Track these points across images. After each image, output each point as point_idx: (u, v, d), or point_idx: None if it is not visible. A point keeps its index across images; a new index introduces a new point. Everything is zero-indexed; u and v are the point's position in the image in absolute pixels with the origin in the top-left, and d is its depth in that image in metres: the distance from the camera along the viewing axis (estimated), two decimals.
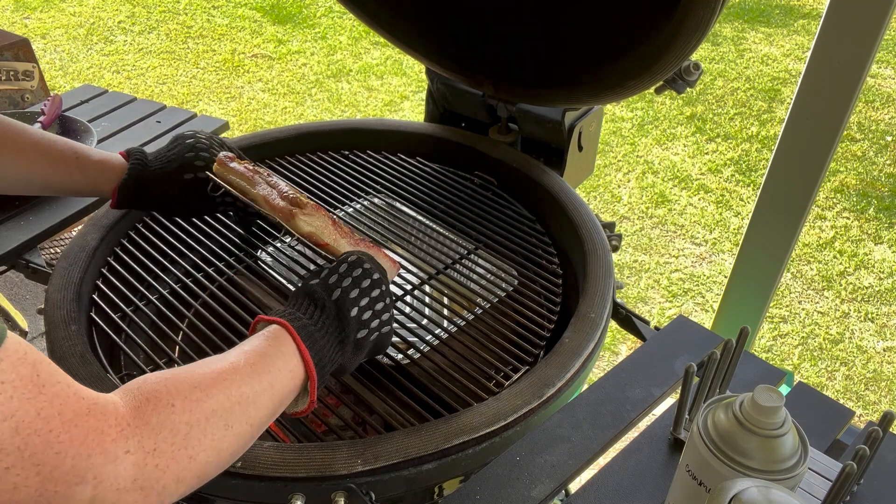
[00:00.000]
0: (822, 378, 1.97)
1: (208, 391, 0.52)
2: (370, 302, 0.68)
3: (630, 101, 3.29)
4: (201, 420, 0.50)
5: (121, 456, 0.44)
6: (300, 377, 0.61)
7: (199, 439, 0.50)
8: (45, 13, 4.04)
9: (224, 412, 0.52)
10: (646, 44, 0.87)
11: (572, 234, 0.97)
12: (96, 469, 0.43)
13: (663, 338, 0.80)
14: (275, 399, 0.58)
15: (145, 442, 0.46)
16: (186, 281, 0.93)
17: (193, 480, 0.50)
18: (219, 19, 4.05)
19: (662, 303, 2.22)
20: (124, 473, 0.44)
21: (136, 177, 0.86)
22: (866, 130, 3.10)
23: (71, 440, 0.41)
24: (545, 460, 0.64)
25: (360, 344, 0.67)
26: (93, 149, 0.86)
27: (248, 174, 0.85)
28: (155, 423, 0.47)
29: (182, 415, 0.49)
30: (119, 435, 0.45)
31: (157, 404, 0.48)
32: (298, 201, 0.81)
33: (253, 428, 0.56)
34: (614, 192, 2.72)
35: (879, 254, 2.41)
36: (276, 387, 0.58)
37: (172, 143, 0.91)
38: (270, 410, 0.58)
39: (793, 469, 0.48)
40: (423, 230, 1.05)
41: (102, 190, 0.86)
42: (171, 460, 0.48)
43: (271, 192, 0.84)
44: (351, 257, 0.71)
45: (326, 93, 3.38)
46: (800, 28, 3.98)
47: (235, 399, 0.54)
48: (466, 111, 1.27)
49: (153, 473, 0.46)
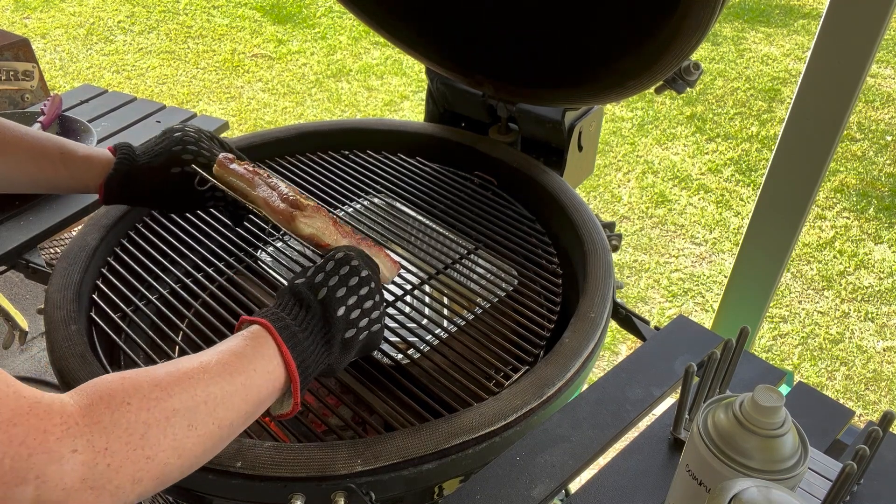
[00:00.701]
0: (822, 378, 1.97)
1: (169, 390, 0.50)
2: (358, 300, 0.66)
3: (630, 101, 3.29)
4: (160, 420, 0.49)
5: (66, 455, 0.43)
6: (281, 379, 0.59)
7: (158, 439, 0.48)
8: (45, 13, 4.04)
9: (187, 412, 0.51)
10: (646, 44, 0.87)
11: (572, 234, 0.97)
12: (38, 469, 0.42)
13: (663, 338, 0.80)
14: (249, 400, 0.56)
15: (95, 441, 0.45)
16: (186, 281, 0.93)
17: (152, 482, 0.49)
18: (219, 19, 4.05)
19: (662, 303, 2.22)
20: (71, 473, 0.43)
21: (123, 171, 0.84)
22: (866, 130, 3.10)
23: (9, 440, 0.41)
24: (545, 460, 0.64)
25: (349, 344, 0.65)
26: (79, 144, 0.84)
27: (248, 176, 0.85)
28: (108, 421, 0.46)
29: (139, 413, 0.48)
30: (65, 434, 0.43)
31: (110, 402, 0.47)
32: (298, 203, 0.80)
33: (223, 429, 0.54)
34: (614, 192, 2.72)
35: (879, 254, 2.41)
36: (251, 388, 0.56)
37: (160, 136, 0.89)
38: (244, 412, 0.56)
39: (793, 469, 0.48)
40: (423, 230, 1.05)
41: (89, 185, 0.84)
42: (126, 460, 0.46)
43: (271, 193, 0.83)
44: (338, 254, 0.68)
45: (326, 93, 3.38)
46: (800, 28, 3.98)
47: (201, 399, 0.52)
48: (466, 111, 1.27)
49: (105, 473, 0.45)
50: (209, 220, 1.02)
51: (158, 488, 0.50)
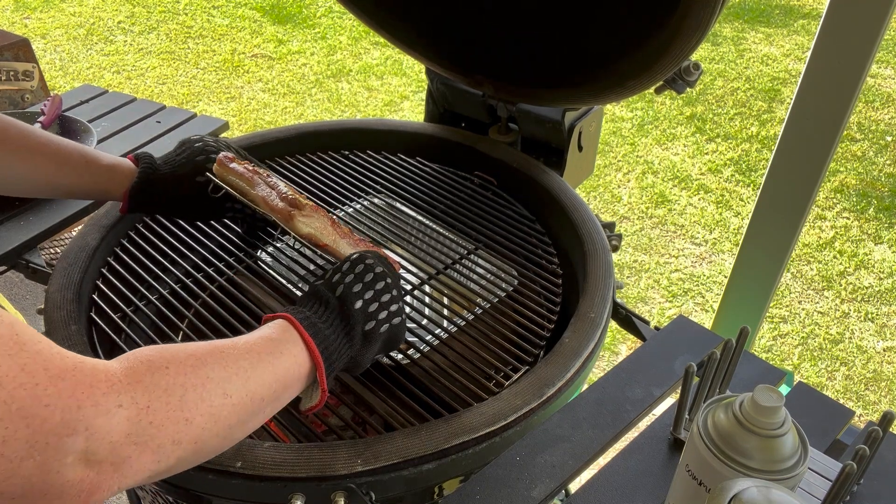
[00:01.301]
0: (822, 378, 1.97)
1: (203, 359, 0.52)
2: (375, 294, 0.69)
3: (630, 101, 3.29)
4: (196, 385, 0.50)
5: (112, 409, 0.44)
6: (306, 365, 0.61)
7: (196, 403, 0.50)
8: (45, 13, 4.04)
9: (220, 380, 0.52)
10: (646, 44, 0.87)
11: (572, 234, 0.97)
12: (87, 421, 0.42)
13: (663, 338, 0.80)
14: (278, 379, 0.58)
15: (138, 398, 0.46)
16: (186, 281, 0.93)
17: (191, 447, 0.50)
18: (219, 19, 4.06)
19: (662, 303, 2.22)
20: (118, 427, 0.44)
21: (147, 180, 0.87)
22: (866, 130, 3.10)
23: (59, 393, 0.41)
24: (545, 460, 0.64)
25: (370, 336, 0.67)
26: (102, 153, 0.87)
27: (248, 175, 0.85)
28: (149, 382, 0.47)
29: (176, 377, 0.49)
30: (110, 389, 0.44)
31: (150, 366, 0.48)
32: (297, 202, 0.81)
33: (254, 403, 0.55)
34: (614, 192, 2.72)
35: (879, 254, 2.41)
36: (279, 368, 0.58)
37: (180, 147, 0.92)
38: (273, 390, 0.57)
39: (793, 469, 0.48)
40: (423, 230, 1.05)
41: (111, 193, 0.87)
42: (167, 419, 0.47)
43: (270, 192, 0.84)
44: (354, 256, 0.72)
45: (326, 93, 3.38)
46: (800, 28, 3.98)
47: (233, 370, 0.54)
48: (466, 111, 1.27)
49: (147, 430, 0.46)
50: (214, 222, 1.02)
51: (196, 458, 0.51)
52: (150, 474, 0.48)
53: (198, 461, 0.53)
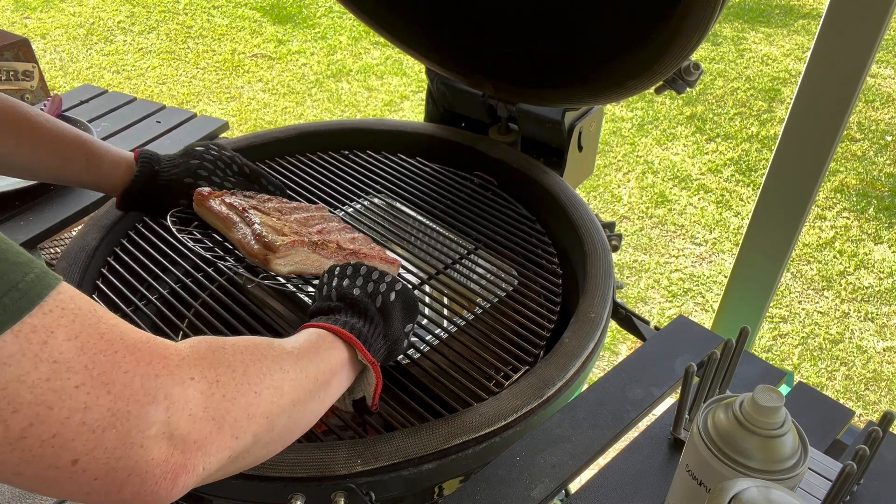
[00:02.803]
0: (822, 378, 1.97)
1: (250, 342, 0.53)
2: (364, 280, 0.71)
3: (630, 101, 3.29)
4: (254, 361, 0.51)
5: (186, 380, 0.44)
6: (344, 351, 0.63)
7: (259, 377, 0.50)
8: (45, 13, 4.04)
9: (274, 359, 0.53)
10: (646, 43, 0.87)
11: (572, 234, 0.97)
12: (166, 389, 0.42)
13: (663, 338, 0.80)
14: (322, 364, 0.59)
15: (207, 372, 0.46)
16: (186, 281, 0.92)
17: (263, 421, 0.50)
18: (219, 19, 4.06)
19: (662, 303, 2.22)
20: (194, 399, 0.44)
21: (139, 185, 0.88)
22: (866, 130, 3.10)
23: (136, 361, 0.41)
24: (545, 460, 0.64)
25: (385, 310, 0.69)
26: (105, 148, 0.87)
27: (223, 215, 0.85)
28: (212, 358, 0.47)
29: (235, 354, 0.49)
30: (181, 361, 0.44)
31: (210, 345, 0.48)
32: (271, 245, 0.79)
33: (309, 380, 0.56)
34: (614, 192, 2.72)
35: (879, 254, 2.41)
36: (321, 357, 0.59)
37: (182, 156, 0.93)
38: (322, 371, 0.58)
39: (793, 469, 0.48)
40: (423, 230, 1.05)
41: (108, 192, 0.89)
42: (237, 392, 0.47)
43: (247, 233, 0.82)
44: (325, 273, 0.74)
45: (326, 93, 3.38)
46: (800, 28, 3.98)
47: (279, 352, 0.54)
48: (466, 111, 1.27)
49: (221, 403, 0.46)
50: None
51: (269, 437, 0.51)
52: (231, 454, 0.47)
53: (272, 445, 0.53)
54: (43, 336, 0.37)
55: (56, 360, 0.37)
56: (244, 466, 0.51)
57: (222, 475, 0.49)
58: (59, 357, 0.38)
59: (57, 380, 0.37)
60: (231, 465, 0.48)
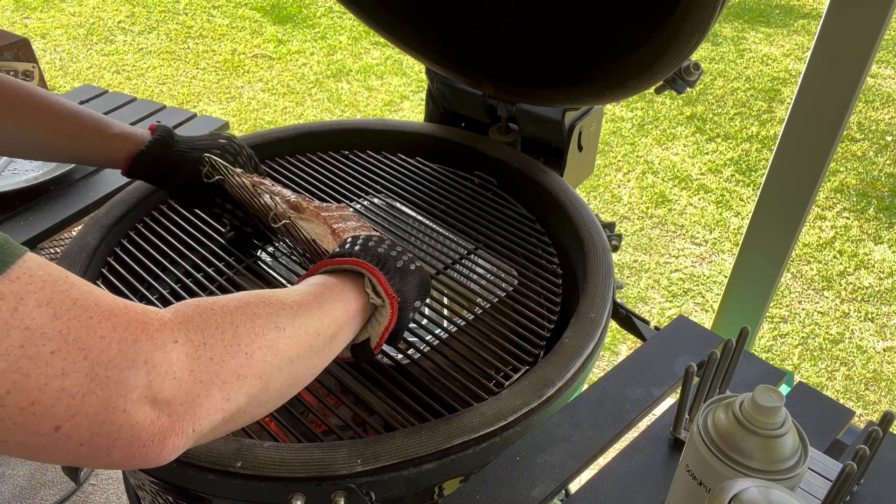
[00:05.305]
0: (822, 378, 1.97)
1: (246, 299, 0.52)
2: (387, 247, 0.69)
3: (630, 101, 3.29)
4: (245, 321, 0.50)
5: (169, 344, 0.43)
6: (352, 299, 0.62)
7: (250, 337, 0.49)
8: (45, 13, 4.04)
9: (269, 315, 0.52)
10: (646, 43, 0.87)
11: (572, 234, 0.97)
12: (146, 353, 0.42)
13: (663, 338, 0.80)
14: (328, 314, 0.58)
15: (192, 336, 0.45)
16: (186, 281, 0.93)
17: (256, 381, 0.49)
18: (219, 19, 4.05)
19: (662, 303, 2.22)
20: (178, 363, 0.43)
21: (159, 148, 0.88)
22: (866, 130, 3.10)
23: (113, 327, 0.41)
24: (545, 460, 0.64)
25: (404, 271, 0.68)
26: (115, 122, 0.87)
27: (255, 180, 0.87)
28: (199, 321, 0.47)
29: (223, 316, 0.48)
30: (163, 326, 0.44)
31: (195, 308, 0.48)
32: (299, 205, 0.81)
33: (309, 336, 0.55)
34: (614, 192, 2.72)
35: (879, 254, 2.41)
36: (327, 304, 0.58)
37: (208, 137, 0.93)
38: (326, 325, 0.57)
39: (793, 469, 0.48)
40: (423, 230, 1.05)
41: (118, 163, 0.88)
42: (226, 354, 0.47)
43: (276, 196, 0.85)
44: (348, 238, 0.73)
45: (326, 93, 3.38)
46: (800, 28, 3.98)
47: (278, 306, 0.53)
48: (466, 111, 1.27)
49: (209, 366, 0.45)
50: (210, 220, 1.02)
51: (266, 395, 0.50)
52: (224, 415, 0.47)
53: (270, 402, 0.52)
54: (12, 303, 0.37)
55: (28, 326, 0.37)
56: (243, 423, 0.50)
57: (219, 434, 0.48)
58: (30, 324, 0.37)
59: (31, 346, 0.37)
60: (226, 425, 0.48)
